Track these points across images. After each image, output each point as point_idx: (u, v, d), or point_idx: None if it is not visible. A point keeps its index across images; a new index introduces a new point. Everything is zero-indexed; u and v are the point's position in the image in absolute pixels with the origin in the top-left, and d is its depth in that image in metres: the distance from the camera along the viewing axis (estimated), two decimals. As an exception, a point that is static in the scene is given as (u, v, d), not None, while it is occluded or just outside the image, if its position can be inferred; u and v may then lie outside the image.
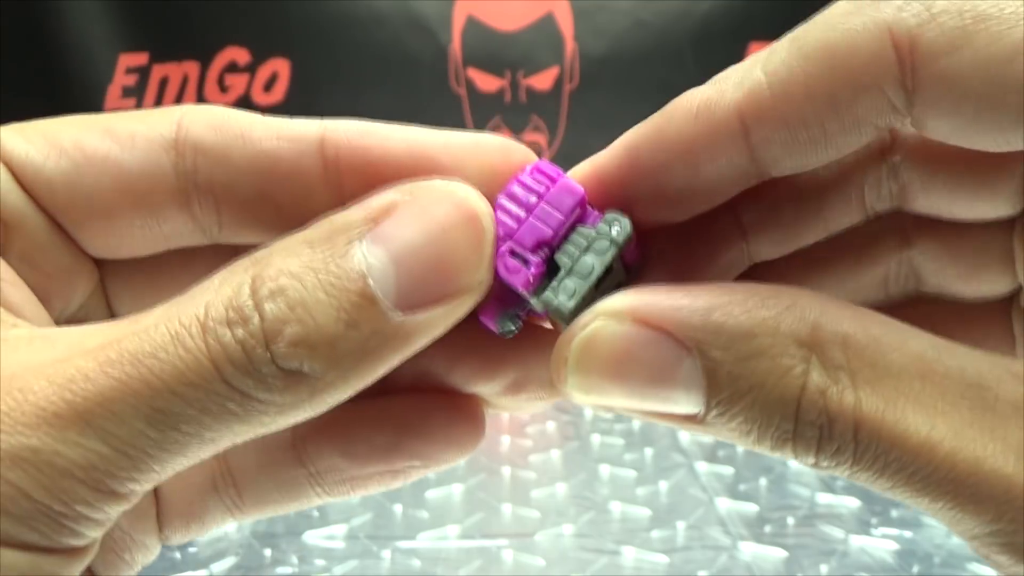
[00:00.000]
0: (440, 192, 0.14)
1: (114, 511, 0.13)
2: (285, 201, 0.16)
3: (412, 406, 0.18)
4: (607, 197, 0.16)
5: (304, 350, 0.13)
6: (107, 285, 0.18)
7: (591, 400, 0.14)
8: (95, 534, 0.13)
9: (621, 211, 0.15)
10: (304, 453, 0.18)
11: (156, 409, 0.13)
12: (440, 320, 0.14)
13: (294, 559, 0.52)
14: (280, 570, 0.51)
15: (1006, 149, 0.14)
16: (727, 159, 0.15)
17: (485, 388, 0.18)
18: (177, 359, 0.13)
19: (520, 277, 0.15)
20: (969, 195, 0.17)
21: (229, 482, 0.18)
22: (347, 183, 0.16)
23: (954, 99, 0.13)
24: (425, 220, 0.14)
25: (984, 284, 0.18)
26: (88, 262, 0.17)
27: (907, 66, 0.13)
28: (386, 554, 0.53)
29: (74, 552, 0.13)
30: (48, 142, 0.16)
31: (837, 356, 0.13)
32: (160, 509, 0.18)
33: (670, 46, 2.02)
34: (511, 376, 0.17)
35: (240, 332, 0.13)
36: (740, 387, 0.13)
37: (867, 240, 0.18)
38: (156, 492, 0.18)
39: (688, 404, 0.13)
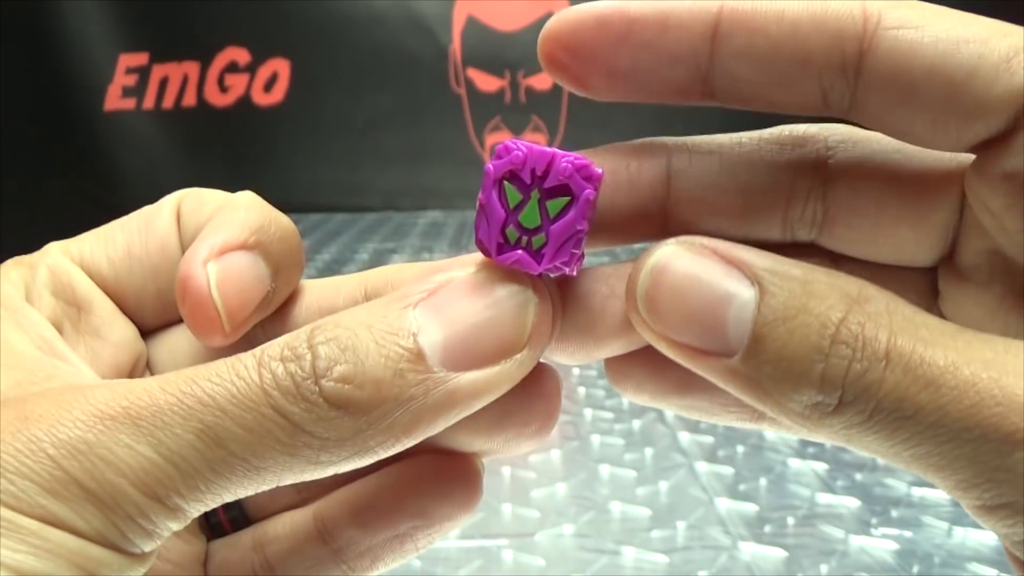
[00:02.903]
0: (495, 270, 0.16)
1: (162, 523, 0.14)
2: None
3: (409, 468, 0.19)
4: (587, 29, 0.16)
5: (351, 386, 0.14)
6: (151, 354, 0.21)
7: (654, 322, 0.15)
8: (143, 544, 0.14)
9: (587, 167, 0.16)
10: (326, 532, 0.19)
11: (206, 425, 0.14)
12: (485, 387, 0.15)
13: (294, 559, 0.52)
14: (280, 570, 0.51)
15: (940, 140, 0.15)
16: (693, 33, 0.16)
17: (478, 447, 0.19)
18: (229, 383, 0.14)
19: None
20: (898, 224, 0.17)
21: (268, 570, 0.20)
22: None
23: (904, 62, 0.15)
24: (473, 292, 0.16)
25: None
26: (139, 340, 0.20)
27: (869, 31, 0.15)
28: (386, 554, 0.53)
29: (124, 554, 0.14)
30: (107, 250, 0.20)
31: (879, 307, 0.14)
32: None
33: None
34: (504, 437, 0.19)
35: (292, 367, 0.14)
36: (786, 315, 0.14)
37: (799, 256, 0.19)
38: None
39: (734, 337, 0.14)
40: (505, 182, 0.16)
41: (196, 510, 0.14)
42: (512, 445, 0.19)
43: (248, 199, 0.20)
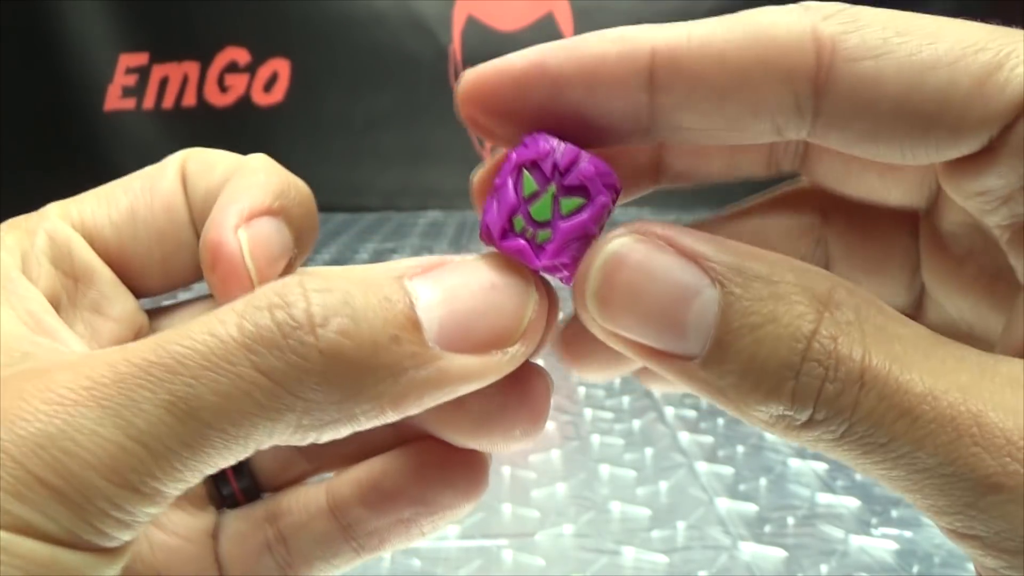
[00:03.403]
0: (497, 260, 0.15)
1: (139, 511, 0.13)
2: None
3: (413, 454, 0.19)
4: (506, 93, 0.15)
5: (350, 343, 0.13)
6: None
7: (606, 322, 0.14)
8: (121, 535, 0.13)
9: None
10: (337, 509, 0.19)
11: (177, 396, 0.12)
12: (474, 373, 0.15)
13: (294, 559, 0.52)
14: (280, 570, 0.51)
15: (910, 162, 0.14)
16: (627, 87, 0.15)
17: (463, 444, 0.19)
18: (202, 343, 0.13)
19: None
20: (865, 170, 0.17)
21: (281, 543, 0.19)
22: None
23: (867, 101, 0.13)
24: (474, 276, 0.15)
25: (886, 288, 0.18)
26: (141, 312, 0.20)
27: (824, 65, 0.14)
28: (386, 554, 0.53)
29: (100, 552, 0.13)
30: (109, 212, 0.19)
31: (850, 315, 0.13)
32: (221, 572, 0.19)
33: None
34: (487, 439, 0.18)
35: (280, 315, 0.13)
36: (752, 322, 0.13)
37: (790, 210, 0.19)
38: (217, 556, 0.19)
39: (694, 339, 0.13)
40: (525, 170, 0.16)
41: (176, 490, 0.13)
42: (498, 447, 0.18)
43: (263, 162, 0.19)
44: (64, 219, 0.19)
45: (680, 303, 0.13)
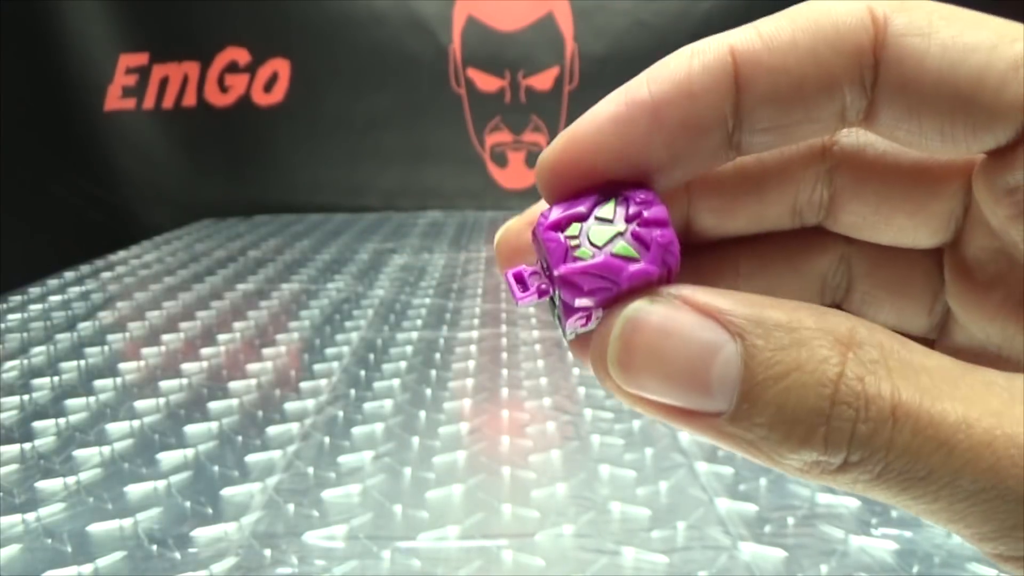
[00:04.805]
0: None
1: None
2: None
3: None
4: (612, 142, 0.15)
5: None
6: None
7: (629, 386, 0.14)
8: None
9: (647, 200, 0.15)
10: None
11: None
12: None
13: (294, 559, 0.52)
14: (280, 570, 0.51)
15: (950, 149, 0.15)
16: (719, 93, 0.15)
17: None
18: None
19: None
20: (896, 212, 0.17)
21: None
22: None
23: (913, 75, 0.14)
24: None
25: (908, 309, 0.18)
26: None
27: (880, 38, 0.14)
28: (386, 554, 0.53)
29: None
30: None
31: (873, 353, 0.13)
32: None
33: (670, 46, 2.01)
34: None
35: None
36: (777, 372, 0.13)
37: (810, 238, 0.19)
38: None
39: (720, 396, 0.13)
40: (613, 199, 0.16)
41: None
42: None
43: None
44: None
45: (703, 360, 0.13)
